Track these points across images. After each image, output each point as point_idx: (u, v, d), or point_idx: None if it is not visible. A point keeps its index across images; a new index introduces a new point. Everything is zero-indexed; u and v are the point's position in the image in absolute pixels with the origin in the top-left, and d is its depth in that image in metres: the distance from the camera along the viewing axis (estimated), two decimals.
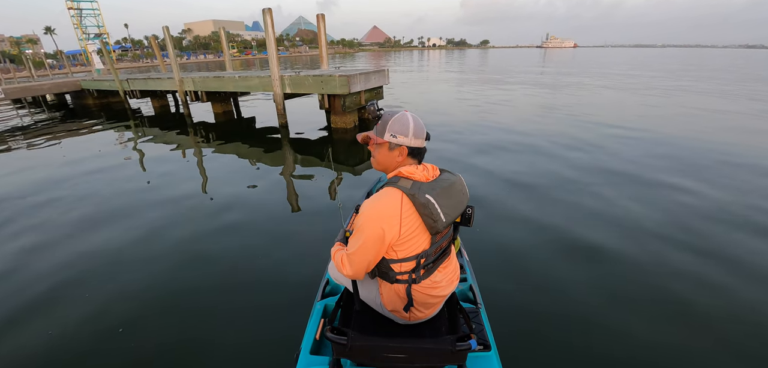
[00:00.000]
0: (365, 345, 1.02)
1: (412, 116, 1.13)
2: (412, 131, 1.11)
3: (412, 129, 1.11)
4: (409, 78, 18.85)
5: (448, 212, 1.06)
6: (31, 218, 3.75)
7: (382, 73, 7.42)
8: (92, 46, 20.16)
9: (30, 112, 12.55)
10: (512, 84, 14.71)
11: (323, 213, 3.57)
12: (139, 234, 3.27)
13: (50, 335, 2.12)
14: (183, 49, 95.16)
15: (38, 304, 2.41)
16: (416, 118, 1.14)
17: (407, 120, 1.11)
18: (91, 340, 2.08)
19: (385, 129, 1.13)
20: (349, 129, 6.96)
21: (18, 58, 54.38)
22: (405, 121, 1.11)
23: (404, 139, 1.11)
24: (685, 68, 23.22)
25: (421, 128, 1.14)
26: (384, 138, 1.13)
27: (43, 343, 2.06)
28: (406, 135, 1.11)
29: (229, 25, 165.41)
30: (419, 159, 1.17)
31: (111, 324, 2.18)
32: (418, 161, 1.16)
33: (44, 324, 2.21)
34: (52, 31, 75.13)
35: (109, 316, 2.25)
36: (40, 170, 5.45)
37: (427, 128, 1.17)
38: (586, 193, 3.79)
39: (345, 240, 1.36)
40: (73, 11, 40.68)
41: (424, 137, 1.14)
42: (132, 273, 2.69)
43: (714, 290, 2.30)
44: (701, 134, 6.13)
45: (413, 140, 1.12)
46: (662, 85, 13.54)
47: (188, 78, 8.78)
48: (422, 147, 1.15)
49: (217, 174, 4.92)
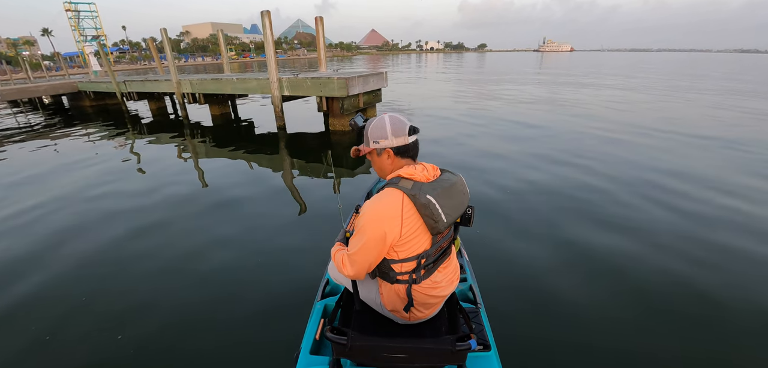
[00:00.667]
0: (365, 345, 1.02)
1: (390, 117, 1.14)
2: (390, 131, 1.12)
3: (389, 130, 1.12)
4: (408, 80, 18.90)
5: (449, 213, 1.06)
6: (21, 222, 3.72)
7: (381, 75, 7.44)
8: (89, 48, 20.08)
9: (26, 114, 12.47)
10: (509, 85, 14.78)
11: (322, 214, 3.56)
12: (135, 238, 3.25)
13: (47, 339, 2.09)
14: (181, 51, 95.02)
15: (31, 309, 2.38)
16: (394, 117, 1.13)
17: (383, 123, 1.13)
18: (89, 345, 2.06)
19: (368, 138, 1.17)
20: (348, 132, 6.97)
21: (15, 60, 54.07)
22: (381, 124, 1.13)
23: (385, 141, 1.13)
24: (674, 71, 23.48)
25: (400, 126, 1.12)
26: (369, 147, 1.17)
27: (37, 348, 2.04)
28: (386, 137, 1.12)
29: (227, 27, 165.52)
30: (413, 155, 1.16)
31: (109, 329, 2.16)
32: (412, 157, 1.16)
33: (37, 330, 2.19)
34: (49, 33, 74.81)
35: (107, 320, 2.23)
36: (30, 173, 5.40)
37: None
38: (586, 193, 3.82)
39: (345, 240, 1.36)
40: (71, 13, 40.52)
41: (405, 133, 1.12)
42: (130, 277, 2.67)
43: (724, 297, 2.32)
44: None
45: (394, 140, 1.12)
46: (649, 85, 13.70)
47: (186, 80, 8.76)
48: (407, 144, 1.14)
49: (215, 176, 4.91)
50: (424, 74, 23.82)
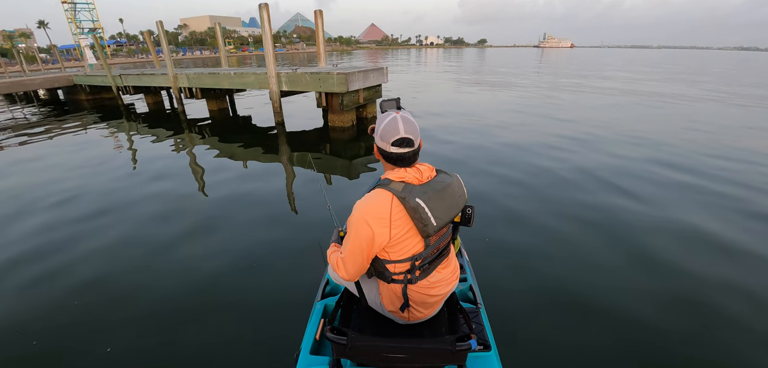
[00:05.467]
0: (365, 345, 1.01)
1: (392, 119, 1.05)
2: (380, 131, 1.07)
3: (381, 129, 1.07)
4: (407, 74, 18.82)
5: (440, 216, 1.03)
6: (17, 216, 3.69)
7: (381, 71, 7.37)
8: (85, 41, 19.88)
9: (22, 107, 12.36)
10: (509, 82, 14.74)
11: (322, 213, 3.54)
12: (132, 237, 3.21)
13: (34, 344, 2.05)
14: (179, 44, 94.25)
15: (28, 307, 2.37)
16: (394, 121, 1.05)
17: (383, 120, 1.07)
18: (86, 344, 2.04)
19: (376, 125, 1.13)
20: (347, 128, 6.91)
21: (10, 53, 53.49)
22: (382, 120, 1.08)
23: (378, 140, 1.10)
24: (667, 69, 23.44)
25: (391, 133, 1.04)
26: (374, 134, 1.15)
27: (28, 351, 2.02)
28: (378, 135, 1.09)
29: (225, 21, 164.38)
30: (401, 164, 1.08)
31: (107, 328, 2.15)
32: (400, 165, 1.08)
33: (33, 330, 2.18)
34: (45, 25, 73.96)
35: (106, 321, 2.21)
36: (24, 168, 5.36)
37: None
38: (586, 194, 3.81)
39: (339, 240, 1.35)
40: (68, 5, 40.05)
41: (390, 142, 1.04)
42: (127, 276, 2.65)
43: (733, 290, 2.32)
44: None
45: (380, 141, 1.08)
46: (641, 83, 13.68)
47: (182, 74, 8.68)
48: (391, 152, 1.06)
49: (212, 173, 4.87)
50: (424, 69, 23.71)
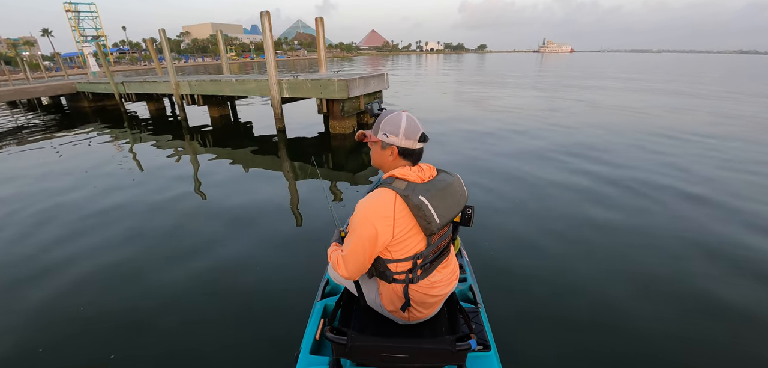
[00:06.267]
0: (365, 345, 1.01)
1: (408, 117, 1.11)
2: (403, 131, 1.09)
3: (403, 129, 1.09)
4: (407, 80, 18.91)
5: (443, 214, 1.05)
6: (20, 223, 3.71)
7: (382, 77, 7.43)
8: (88, 49, 20.04)
9: (25, 114, 12.46)
10: (509, 86, 14.80)
11: (322, 214, 3.56)
12: (134, 240, 3.24)
13: (40, 352, 2.06)
14: (181, 52, 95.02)
15: (32, 313, 2.37)
16: (411, 119, 1.11)
17: (399, 120, 1.10)
18: (87, 348, 2.05)
19: (379, 127, 1.13)
20: (348, 134, 6.95)
21: (14, 61, 53.98)
22: (397, 121, 1.10)
23: (395, 139, 1.10)
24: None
25: (414, 130, 1.10)
26: (377, 137, 1.13)
27: (33, 358, 2.03)
28: (397, 135, 1.09)
29: (227, 28, 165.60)
30: (413, 160, 1.13)
31: (107, 331, 2.16)
32: (412, 162, 1.13)
33: (38, 336, 2.18)
34: (49, 33, 74.73)
35: (105, 323, 2.23)
36: (27, 175, 5.40)
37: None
38: (586, 193, 3.82)
39: (340, 240, 1.36)
40: (71, 13, 40.47)
41: (416, 139, 1.10)
42: (129, 280, 2.66)
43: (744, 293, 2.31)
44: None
45: (404, 141, 1.10)
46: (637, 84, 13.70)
47: (184, 81, 8.75)
48: (415, 149, 1.12)
49: (214, 178, 4.90)
50: (424, 74, 23.80)
